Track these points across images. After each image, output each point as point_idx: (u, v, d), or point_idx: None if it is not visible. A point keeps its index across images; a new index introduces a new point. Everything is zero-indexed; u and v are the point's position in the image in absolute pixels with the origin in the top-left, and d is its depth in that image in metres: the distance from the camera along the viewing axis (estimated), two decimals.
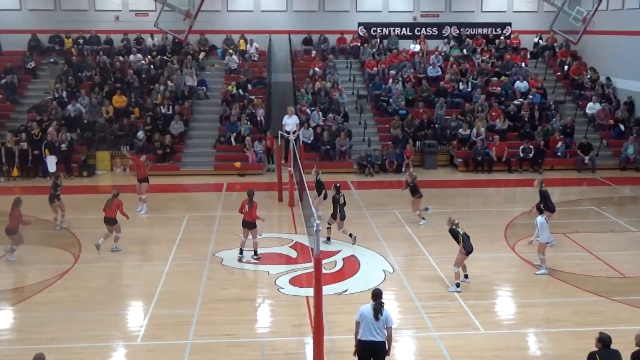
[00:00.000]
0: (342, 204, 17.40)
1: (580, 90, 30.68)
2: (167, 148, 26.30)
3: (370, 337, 9.81)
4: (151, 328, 12.77)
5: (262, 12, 32.76)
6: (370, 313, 9.83)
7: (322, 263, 11.12)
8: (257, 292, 14.71)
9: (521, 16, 33.82)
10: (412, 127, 27.83)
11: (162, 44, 32.18)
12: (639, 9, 28.61)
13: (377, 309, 9.84)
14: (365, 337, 9.83)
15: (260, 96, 29.74)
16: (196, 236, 18.34)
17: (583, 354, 9.55)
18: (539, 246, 15.62)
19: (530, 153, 26.60)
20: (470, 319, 13.13)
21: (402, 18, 33.50)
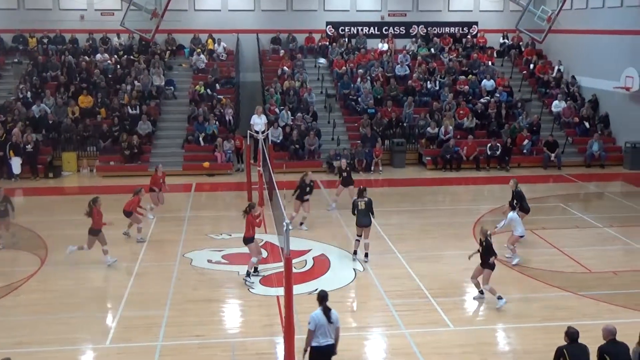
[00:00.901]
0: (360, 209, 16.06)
1: (546, 89, 31.09)
2: (135, 148, 26.05)
3: (329, 340, 9.86)
4: (120, 330, 12.64)
5: (229, 11, 32.62)
6: (323, 318, 9.83)
7: (292, 262, 11.10)
8: (227, 292, 14.63)
9: (487, 15, 34.17)
10: (381, 126, 27.94)
11: (129, 44, 31.88)
12: (602, 8, 29.09)
13: (327, 311, 9.86)
14: (325, 342, 9.84)
15: (229, 96, 29.62)
16: (165, 237, 18.20)
17: (551, 348, 9.67)
18: (511, 238, 16.04)
19: (498, 151, 26.88)
20: (439, 315, 13.22)
21: (370, 17, 33.62)
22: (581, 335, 9.49)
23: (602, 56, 28.91)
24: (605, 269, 15.68)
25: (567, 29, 30.69)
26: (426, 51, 32.75)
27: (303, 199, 18.62)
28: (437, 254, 16.86)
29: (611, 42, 28.29)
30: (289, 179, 20.67)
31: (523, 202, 17.29)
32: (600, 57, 29.06)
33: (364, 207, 15.95)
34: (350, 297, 14.41)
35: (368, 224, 15.96)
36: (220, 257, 16.56)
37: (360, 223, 16.00)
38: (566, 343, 9.48)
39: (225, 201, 22.71)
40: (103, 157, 26.52)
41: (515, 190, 17.37)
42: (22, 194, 23.57)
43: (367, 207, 15.99)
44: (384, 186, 24.92)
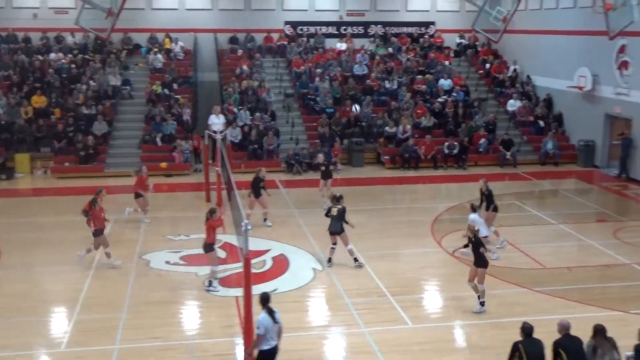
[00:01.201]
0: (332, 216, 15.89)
1: (502, 88, 31.54)
2: (90, 149, 25.65)
3: (276, 341, 9.91)
4: (76, 334, 12.43)
5: (187, 10, 32.35)
6: (270, 320, 9.81)
7: (251, 263, 11.07)
8: (185, 293, 14.50)
9: (444, 15, 34.52)
10: (339, 125, 28.01)
11: (84, 43, 31.37)
12: (556, 9, 29.61)
13: (272, 312, 9.84)
14: (274, 344, 9.87)
15: (186, 96, 29.37)
16: (122, 238, 17.95)
17: (508, 344, 9.79)
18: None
19: (455, 150, 27.18)
20: (398, 313, 13.30)
21: (328, 17, 33.68)
22: (536, 330, 9.64)
23: (555, 56, 29.44)
24: (560, 265, 15.96)
25: (522, 29, 31.21)
26: (384, 51, 32.94)
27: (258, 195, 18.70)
28: (396, 253, 16.97)
29: (564, 42, 28.82)
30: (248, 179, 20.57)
31: (492, 202, 17.23)
32: (554, 57, 29.59)
33: (336, 214, 15.77)
34: (310, 297, 14.41)
35: (338, 231, 15.71)
36: (179, 259, 16.41)
37: (330, 230, 15.82)
38: (522, 338, 9.63)
39: (183, 202, 22.50)
40: (58, 158, 26.04)
41: (485, 191, 17.26)
42: None
43: (339, 214, 15.79)
44: (343, 185, 24.94)
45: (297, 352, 11.73)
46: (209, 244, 14.46)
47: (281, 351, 10.09)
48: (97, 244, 15.67)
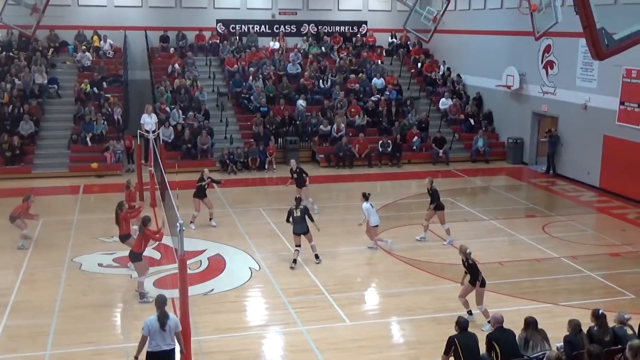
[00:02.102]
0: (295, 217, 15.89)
1: (433, 87, 32.06)
2: (16, 150, 24.84)
3: (163, 346, 9.68)
4: (5, 340, 12.02)
5: (115, 7, 31.65)
6: (156, 324, 9.67)
7: (186, 263, 10.92)
8: (119, 296, 14.21)
9: (376, 15, 34.84)
10: (274, 124, 27.95)
11: (8, 40, 30.34)
12: (484, 9, 30.29)
13: (162, 318, 9.68)
14: (158, 348, 9.68)
15: (117, 94, 28.76)
16: (52, 241, 17.46)
17: (443, 338, 9.96)
18: (371, 230, 16.65)
19: (389, 148, 27.48)
20: (336, 311, 13.36)
21: (260, 15, 33.54)
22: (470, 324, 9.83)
23: (484, 55, 30.11)
24: (492, 260, 16.30)
25: (452, 29, 31.79)
26: (317, 50, 33.03)
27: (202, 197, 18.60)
28: (332, 251, 17.01)
29: (493, 42, 29.50)
30: (182, 179, 20.33)
31: (437, 200, 17.51)
32: (483, 56, 30.26)
33: (300, 214, 15.76)
34: (247, 296, 14.32)
35: (305, 231, 15.77)
36: (112, 261, 16.06)
37: (296, 231, 15.78)
38: (457, 332, 9.81)
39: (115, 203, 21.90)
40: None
41: (430, 189, 17.54)
42: None
43: (302, 214, 15.80)
44: (279, 184, 24.89)
45: (235, 353, 11.65)
46: (137, 254, 13.74)
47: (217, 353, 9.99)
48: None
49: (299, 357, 11.63)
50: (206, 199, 18.77)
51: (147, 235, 13.77)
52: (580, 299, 13.94)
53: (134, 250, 13.77)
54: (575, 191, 23.72)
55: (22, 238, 16.95)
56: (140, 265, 13.82)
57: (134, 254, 13.76)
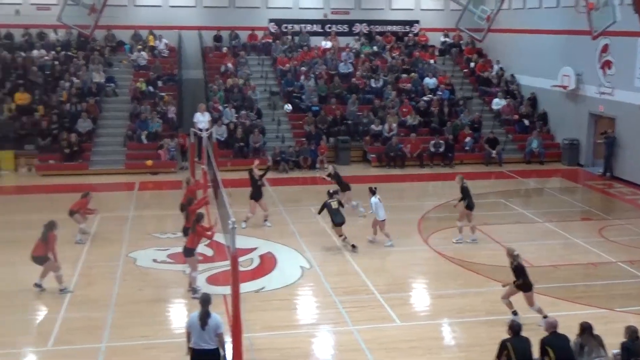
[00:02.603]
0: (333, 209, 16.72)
1: (486, 87, 31.67)
2: (75, 147, 25.47)
3: (202, 344, 9.69)
4: (63, 332, 12.33)
5: (170, 7, 32.15)
6: (196, 321, 9.70)
7: (238, 261, 11.04)
8: (172, 292, 14.43)
9: (429, 14, 34.58)
10: (325, 123, 28.02)
11: (67, 39, 31.12)
12: (539, 8, 29.79)
13: (203, 317, 9.70)
14: (198, 346, 9.71)
15: (171, 93, 29.22)
16: (108, 236, 17.85)
17: (495, 341, 9.85)
18: (379, 224, 16.94)
19: (441, 148, 27.27)
20: (386, 311, 13.32)
21: (313, 15, 33.63)
22: (524, 328, 9.70)
23: (540, 55, 29.60)
24: (546, 263, 16.05)
25: (506, 28, 31.35)
26: (369, 49, 32.96)
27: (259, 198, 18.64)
28: (383, 251, 16.99)
29: (548, 41, 28.98)
30: (234, 177, 20.54)
31: (468, 198, 17.49)
32: (538, 56, 29.75)
33: (336, 205, 16.69)
34: (297, 295, 14.39)
35: (344, 221, 16.65)
36: (166, 257, 16.33)
37: (337, 221, 16.61)
38: (510, 336, 9.69)
39: (169, 200, 22.32)
40: (42, 155, 25.82)
41: (461, 186, 17.54)
42: None
43: (338, 205, 16.81)
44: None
45: (285, 350, 11.73)
46: (191, 249, 13.98)
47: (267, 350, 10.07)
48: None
49: (348, 357, 11.64)
50: (262, 200, 18.82)
51: (199, 232, 13.96)
52: (637, 305, 13.60)
53: (188, 245, 14.01)
54: (633, 194, 23.15)
55: (80, 232, 17.38)
56: (192, 261, 14.04)
57: (187, 250, 13.99)
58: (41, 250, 13.91)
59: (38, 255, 13.96)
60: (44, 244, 13.92)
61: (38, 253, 13.94)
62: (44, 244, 13.92)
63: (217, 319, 9.84)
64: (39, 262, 13.97)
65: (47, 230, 14.05)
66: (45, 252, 13.91)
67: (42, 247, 13.92)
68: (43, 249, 13.91)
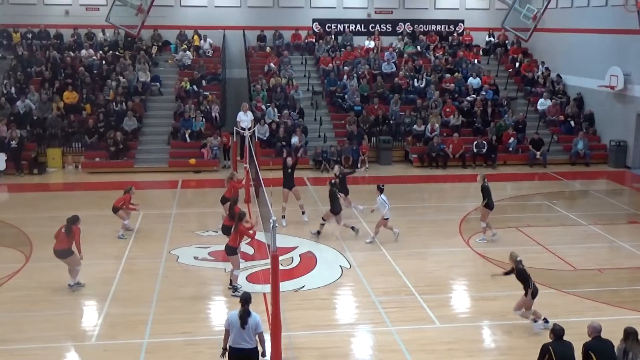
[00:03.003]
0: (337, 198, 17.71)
1: (532, 87, 31.24)
2: (120, 145, 25.91)
3: (241, 343, 9.68)
4: (106, 327, 12.58)
5: (215, 7, 32.50)
6: (236, 320, 9.71)
7: (279, 259, 11.10)
8: (213, 289, 14.59)
9: (473, 13, 34.27)
10: (367, 123, 27.98)
11: (114, 39, 31.67)
12: (587, 7, 29.25)
13: (243, 316, 9.71)
14: (236, 344, 9.71)
15: (215, 92, 29.51)
16: (151, 234, 18.12)
17: (536, 345, 9.72)
18: (380, 222, 17.06)
19: (484, 148, 26.99)
20: (426, 312, 13.26)
21: (356, 15, 33.62)
22: (566, 332, 9.55)
23: (587, 55, 29.08)
24: (590, 267, 15.79)
25: (552, 27, 30.88)
26: (412, 49, 32.80)
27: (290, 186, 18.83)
28: (423, 251, 16.91)
29: (596, 40, 28.45)
30: (276, 176, 20.59)
31: (488, 198, 17.23)
32: (585, 55, 29.23)
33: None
34: (337, 294, 14.41)
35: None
36: (207, 254, 16.51)
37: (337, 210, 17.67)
38: (551, 340, 9.55)
39: (211, 198, 22.56)
40: (89, 153, 26.36)
41: (482, 186, 17.36)
42: (7, 190, 23.40)
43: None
44: (371, 183, 24.91)
45: (324, 350, 11.76)
46: (233, 248, 14.04)
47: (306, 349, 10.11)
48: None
49: (387, 357, 11.61)
50: (294, 189, 19.00)
51: (241, 231, 14.06)
52: None
53: (230, 244, 14.10)
54: None
55: (122, 228, 17.70)
56: (234, 259, 14.12)
57: (230, 248, 14.07)
58: (65, 243, 14.02)
59: (61, 248, 14.06)
60: (68, 237, 14.02)
61: (61, 246, 14.05)
62: (68, 238, 14.02)
63: (257, 319, 9.89)
64: (62, 256, 14.10)
65: (70, 223, 14.14)
66: (69, 245, 14.02)
67: (66, 241, 14.03)
68: (67, 242, 14.02)
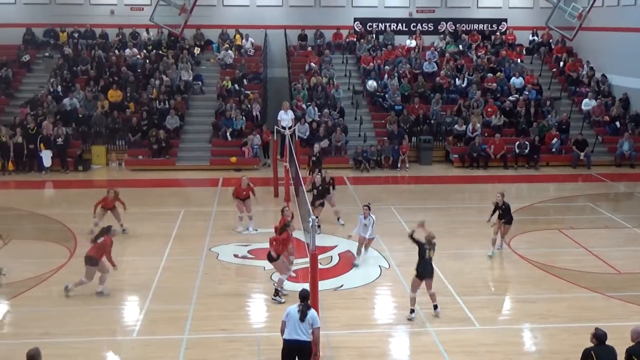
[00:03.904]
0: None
1: (576, 87, 30.74)
2: (162, 143, 26.25)
3: (295, 336, 9.82)
4: (147, 323, 12.77)
5: (257, 6, 32.71)
6: (296, 313, 9.88)
7: (318, 258, 11.13)
8: (252, 287, 14.69)
9: (517, 12, 33.84)
10: (408, 122, 27.85)
11: (158, 39, 32.10)
12: (634, 5, 28.68)
13: (303, 310, 9.88)
14: (290, 336, 9.84)
15: (256, 91, 29.70)
16: (192, 231, 18.32)
17: (578, 349, 9.55)
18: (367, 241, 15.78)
19: (526, 149, 26.65)
20: (465, 314, 13.15)
21: (397, 14, 33.49)
22: (609, 337, 9.38)
23: (634, 54, 28.48)
24: (634, 270, 15.48)
25: (598, 26, 30.29)
26: (454, 48, 32.54)
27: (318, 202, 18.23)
28: (463, 252, 16.77)
29: None
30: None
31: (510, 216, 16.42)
32: (632, 55, 28.63)
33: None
34: (376, 294, 14.39)
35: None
36: (247, 252, 16.62)
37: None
38: (594, 344, 9.38)
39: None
40: (132, 150, 26.78)
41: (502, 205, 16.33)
42: (52, 186, 23.91)
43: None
44: (411, 183, 24.87)
45: (362, 349, 11.76)
46: (276, 255, 13.75)
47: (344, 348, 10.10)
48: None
49: (425, 358, 11.56)
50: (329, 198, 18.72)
51: (285, 240, 13.82)
52: None
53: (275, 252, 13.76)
54: None
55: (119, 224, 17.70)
56: (278, 264, 13.94)
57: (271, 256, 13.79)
58: (93, 251, 13.83)
59: (90, 255, 13.81)
60: (98, 246, 13.84)
61: (90, 253, 13.83)
62: (97, 247, 13.83)
63: (315, 314, 10.05)
64: (89, 263, 13.77)
65: (102, 233, 14.04)
66: (96, 254, 13.75)
67: (95, 249, 13.84)
68: (95, 250, 13.81)
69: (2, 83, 29.23)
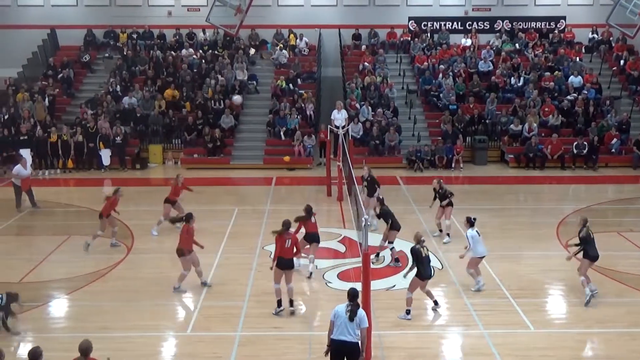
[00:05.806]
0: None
1: (637, 86, 29.92)
2: (217, 142, 26.60)
3: (343, 337, 9.76)
4: (201, 319, 12.97)
5: (312, 6, 32.83)
6: (344, 313, 9.80)
7: (370, 258, 11.12)
8: (305, 286, 14.76)
9: (576, 9, 33.11)
10: (463, 122, 27.57)
11: (214, 39, 32.52)
12: None
13: (352, 309, 9.80)
14: (338, 337, 9.79)
15: (310, 91, 29.81)
16: (245, 229, 18.51)
17: (637, 355, 9.36)
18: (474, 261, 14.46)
19: (584, 150, 26.09)
20: (520, 317, 12.97)
21: (453, 12, 33.16)
22: None
23: None
24: None
25: None
26: (511, 47, 32.03)
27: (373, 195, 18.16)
28: (518, 254, 16.55)
29: None
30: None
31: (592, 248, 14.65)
32: None
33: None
34: None
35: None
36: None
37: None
38: None
39: (304, 195, 22.84)
40: (187, 149, 27.21)
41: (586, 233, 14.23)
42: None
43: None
44: (465, 183, 24.62)
45: (414, 350, 11.72)
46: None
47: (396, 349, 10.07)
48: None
49: None
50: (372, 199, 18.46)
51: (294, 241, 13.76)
52: None
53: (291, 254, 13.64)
54: None
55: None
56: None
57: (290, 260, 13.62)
58: (182, 242, 14.11)
59: (179, 248, 14.14)
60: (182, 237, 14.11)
61: (180, 245, 14.17)
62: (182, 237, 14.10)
63: (364, 314, 10.02)
64: (179, 254, 14.12)
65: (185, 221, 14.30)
66: (184, 246, 14.01)
67: (181, 241, 14.09)
68: (182, 242, 14.06)
69: (64, 83, 30.06)
